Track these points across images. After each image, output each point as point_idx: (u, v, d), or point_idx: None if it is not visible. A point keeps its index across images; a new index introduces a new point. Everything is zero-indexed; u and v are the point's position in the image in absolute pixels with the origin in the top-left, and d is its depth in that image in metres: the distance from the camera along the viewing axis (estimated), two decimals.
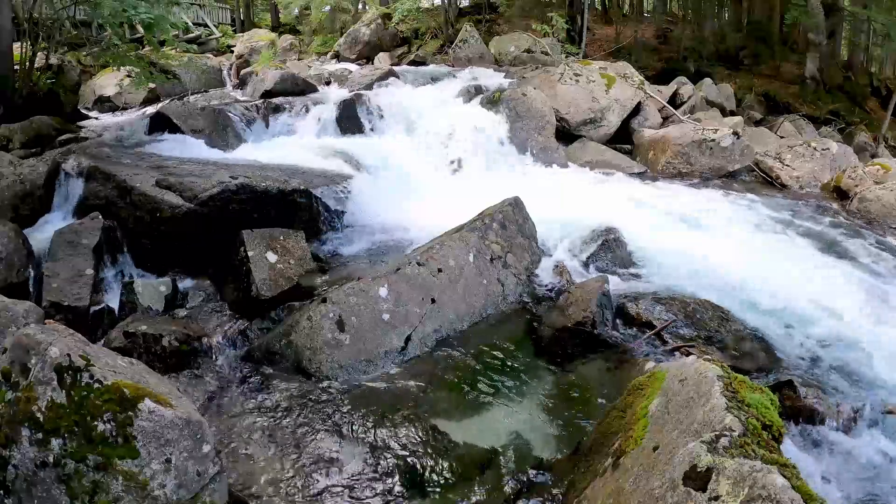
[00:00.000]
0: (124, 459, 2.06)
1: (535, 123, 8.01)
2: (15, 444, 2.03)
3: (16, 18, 7.30)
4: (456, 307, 3.98)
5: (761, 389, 2.22)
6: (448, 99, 8.59)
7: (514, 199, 4.78)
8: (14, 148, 6.17)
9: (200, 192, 4.58)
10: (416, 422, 3.04)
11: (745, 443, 1.89)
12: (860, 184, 7.20)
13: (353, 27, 14.84)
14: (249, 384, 3.40)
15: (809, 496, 1.69)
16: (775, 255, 5.20)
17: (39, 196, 4.94)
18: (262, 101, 7.69)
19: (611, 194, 6.81)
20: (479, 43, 12.56)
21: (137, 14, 6.61)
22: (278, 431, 2.99)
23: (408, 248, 4.70)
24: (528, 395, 3.33)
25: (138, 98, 10.53)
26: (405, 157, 6.81)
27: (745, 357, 3.64)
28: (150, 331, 3.55)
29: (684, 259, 4.88)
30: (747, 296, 4.39)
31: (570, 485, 2.57)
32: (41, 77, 7.62)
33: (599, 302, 3.95)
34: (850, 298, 4.50)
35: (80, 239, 4.18)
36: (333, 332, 3.50)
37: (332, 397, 3.25)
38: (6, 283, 3.93)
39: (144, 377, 2.32)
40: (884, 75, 17.67)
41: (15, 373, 2.12)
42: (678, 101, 10.48)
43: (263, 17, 22.61)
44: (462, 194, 6.16)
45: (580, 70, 9.14)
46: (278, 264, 4.28)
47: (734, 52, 15.32)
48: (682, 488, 1.86)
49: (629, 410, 2.54)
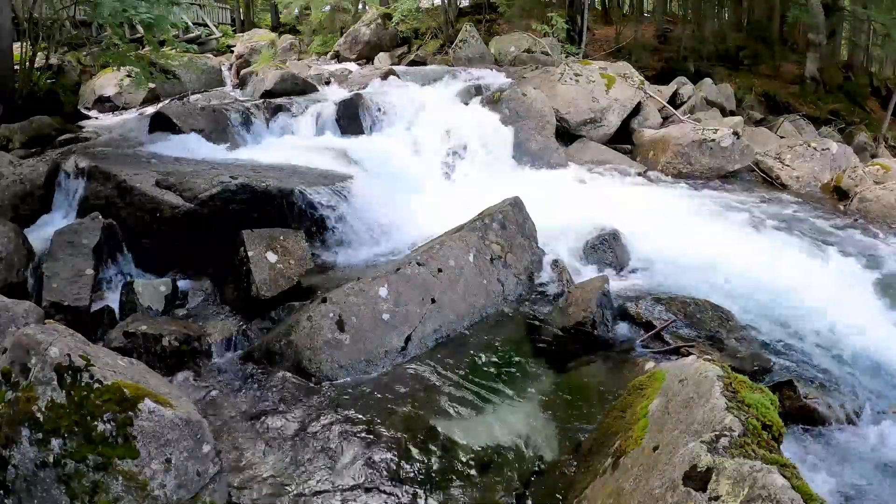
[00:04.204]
0: (124, 459, 2.06)
1: (535, 123, 8.01)
2: (15, 444, 2.03)
3: (16, 18, 7.30)
4: (456, 307, 3.98)
5: (761, 389, 2.22)
6: (448, 99, 8.60)
7: (515, 198, 4.78)
8: (14, 148, 6.17)
9: (200, 192, 4.58)
10: (416, 422, 3.04)
11: (745, 443, 1.89)
12: (860, 184, 7.21)
13: (353, 27, 14.83)
14: (249, 384, 3.40)
15: (809, 496, 1.69)
16: (775, 255, 5.20)
17: (39, 196, 4.94)
18: (262, 101, 7.69)
19: (611, 194, 6.81)
20: (479, 43, 12.56)
21: (137, 14, 6.61)
22: (278, 431, 2.99)
23: (408, 248, 4.70)
24: (528, 395, 3.33)
25: (138, 98, 10.52)
26: (405, 157, 6.82)
27: (745, 357, 3.64)
28: (150, 331, 3.55)
29: (684, 259, 4.88)
30: (747, 296, 4.39)
31: (570, 485, 2.57)
32: (41, 77, 7.62)
33: (599, 302, 3.95)
34: (850, 298, 4.50)
35: (80, 239, 4.18)
36: (333, 332, 3.50)
37: (332, 397, 3.25)
38: (6, 283, 3.93)
39: (144, 377, 2.33)
40: (884, 75, 17.66)
41: (15, 373, 2.12)
42: (678, 101, 10.49)
43: (263, 17, 22.62)
44: (462, 194, 6.17)
45: (580, 70, 9.14)
46: (278, 264, 4.28)
47: (734, 52, 15.32)
48: (682, 488, 1.86)
49: (629, 410, 2.54)
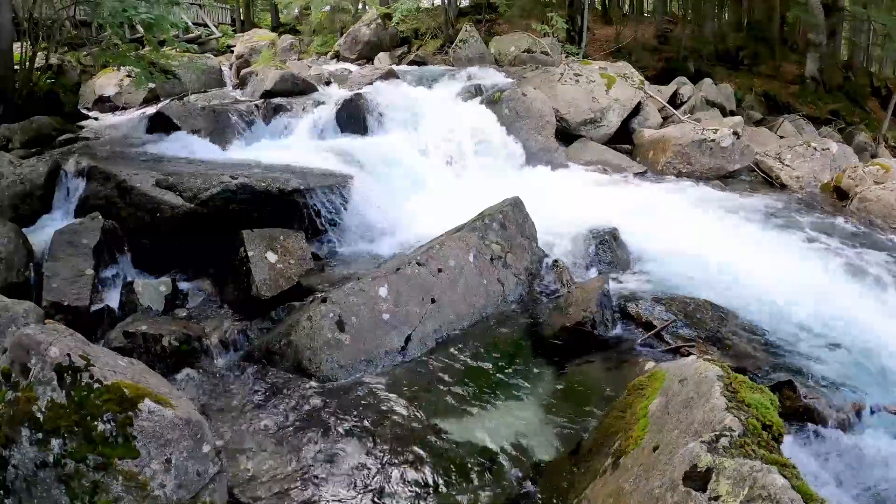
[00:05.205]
0: (124, 459, 2.06)
1: (535, 123, 8.01)
2: (15, 444, 2.03)
3: (16, 18, 7.29)
4: (456, 307, 3.98)
5: (761, 389, 2.22)
6: (448, 99, 8.59)
7: (515, 199, 4.78)
8: (14, 148, 6.16)
9: (200, 192, 4.58)
10: (416, 422, 3.04)
11: (745, 443, 1.89)
12: (860, 184, 7.20)
13: (353, 27, 14.82)
14: (249, 384, 3.40)
15: (809, 496, 1.69)
16: (775, 255, 5.20)
17: (39, 196, 4.93)
18: (262, 101, 7.69)
19: (611, 194, 6.81)
20: (479, 43, 12.55)
21: (137, 14, 6.60)
22: (278, 431, 2.99)
23: (408, 248, 4.69)
24: (529, 395, 3.33)
25: (138, 98, 10.51)
26: (405, 157, 6.80)
27: (745, 357, 3.64)
28: (150, 331, 3.55)
29: (684, 259, 4.88)
30: (747, 295, 4.38)
31: (570, 485, 2.57)
32: (41, 77, 7.61)
33: (599, 302, 3.95)
34: (850, 298, 4.50)
35: (80, 239, 4.18)
36: (333, 332, 3.50)
37: (333, 397, 3.25)
38: (6, 283, 3.93)
39: (144, 377, 2.32)
40: (884, 75, 17.66)
41: (15, 373, 2.12)
42: (678, 101, 10.49)
43: (263, 17, 22.60)
44: (462, 194, 6.16)
45: (580, 70, 9.14)
46: (278, 264, 4.28)
47: (734, 52, 15.32)
48: (682, 488, 1.86)
49: (629, 410, 2.54)
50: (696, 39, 15.38)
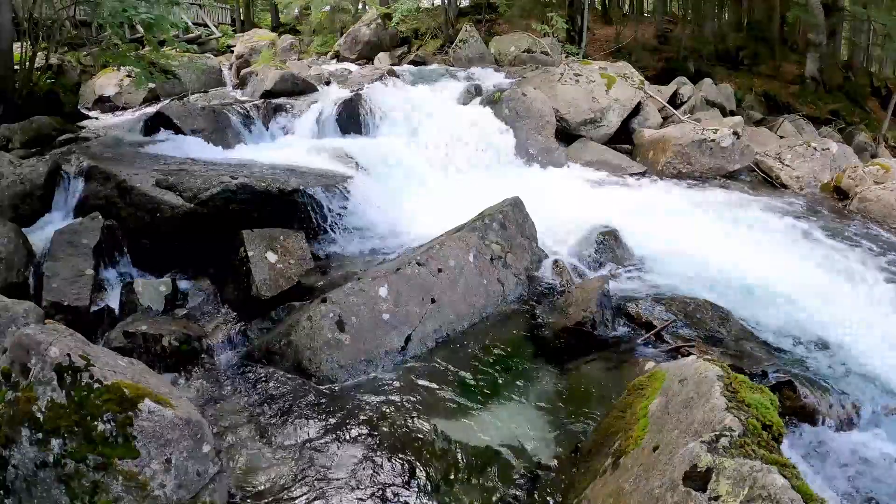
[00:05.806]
0: (124, 459, 2.06)
1: (535, 123, 8.01)
2: (15, 444, 2.04)
3: (16, 18, 7.29)
4: (456, 307, 3.98)
5: (761, 389, 2.22)
6: (448, 99, 8.58)
7: (515, 199, 4.78)
8: (14, 148, 6.16)
9: (200, 191, 4.58)
10: (416, 422, 3.04)
11: (745, 443, 1.89)
12: (860, 184, 7.20)
13: (353, 27, 14.83)
14: (249, 384, 3.40)
15: (809, 496, 1.69)
16: (775, 255, 5.20)
17: (39, 196, 4.93)
18: (262, 101, 7.69)
19: (611, 194, 6.81)
20: (479, 43, 12.56)
21: (137, 14, 6.61)
22: (278, 431, 2.99)
23: (408, 248, 4.69)
24: (529, 395, 3.33)
25: (138, 98, 10.52)
26: (405, 157, 6.81)
27: (745, 357, 3.64)
28: (150, 331, 3.55)
29: (684, 259, 4.88)
30: (747, 295, 4.39)
31: (570, 485, 2.57)
32: (41, 77, 7.61)
33: (599, 302, 3.95)
34: (851, 298, 4.50)
35: (80, 239, 4.18)
36: (333, 332, 3.50)
37: (333, 397, 3.25)
38: (6, 283, 3.93)
39: (144, 377, 2.32)
40: (884, 75, 17.66)
41: (15, 373, 2.13)
42: (678, 101, 10.48)
43: (263, 17, 22.61)
44: (462, 194, 6.16)
45: (580, 70, 9.14)
46: (278, 264, 4.28)
47: (734, 52, 15.32)
48: (682, 488, 1.86)
49: (629, 410, 2.54)
50: (696, 39, 15.38)
